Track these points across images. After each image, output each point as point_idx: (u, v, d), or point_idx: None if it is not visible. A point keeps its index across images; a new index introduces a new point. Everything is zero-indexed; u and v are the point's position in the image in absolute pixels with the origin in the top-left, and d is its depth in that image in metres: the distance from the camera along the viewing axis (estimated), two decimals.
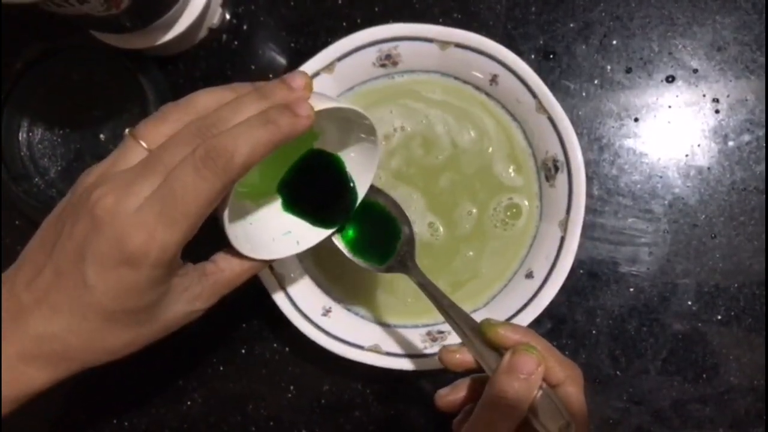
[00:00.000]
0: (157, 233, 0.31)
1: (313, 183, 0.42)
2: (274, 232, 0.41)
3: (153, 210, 0.31)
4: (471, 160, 0.50)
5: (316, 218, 0.42)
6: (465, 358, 0.39)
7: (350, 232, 0.43)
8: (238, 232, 0.38)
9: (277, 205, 0.42)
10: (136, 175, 0.32)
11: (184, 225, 0.31)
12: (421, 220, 0.50)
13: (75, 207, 0.33)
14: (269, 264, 0.41)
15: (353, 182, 0.42)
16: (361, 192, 0.42)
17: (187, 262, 0.37)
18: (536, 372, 0.34)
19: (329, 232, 0.42)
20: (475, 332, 0.38)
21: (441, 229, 0.50)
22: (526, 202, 0.50)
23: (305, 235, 0.42)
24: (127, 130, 0.34)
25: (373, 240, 0.44)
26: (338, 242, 0.43)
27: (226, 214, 0.35)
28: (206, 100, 0.34)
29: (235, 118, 0.33)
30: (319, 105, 0.35)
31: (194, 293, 0.36)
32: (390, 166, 0.51)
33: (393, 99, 0.51)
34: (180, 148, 0.32)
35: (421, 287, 0.42)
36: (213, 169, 0.31)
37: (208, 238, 0.35)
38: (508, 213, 0.50)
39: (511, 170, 0.50)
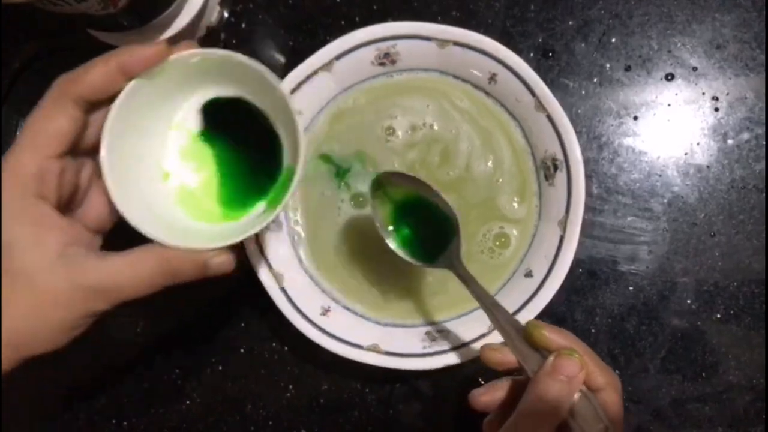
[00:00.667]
0: (7, 157, 0.33)
1: (255, 167, 0.41)
2: (209, 239, 0.39)
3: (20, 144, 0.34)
4: (477, 191, 0.50)
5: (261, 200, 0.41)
6: (506, 357, 0.39)
7: (405, 230, 0.45)
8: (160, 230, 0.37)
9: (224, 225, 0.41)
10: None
11: (26, 145, 0.33)
12: None
13: None
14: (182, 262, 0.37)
15: (281, 159, 0.40)
16: (297, 166, 0.38)
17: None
18: (578, 375, 0.35)
19: (272, 216, 0.38)
20: (517, 332, 0.38)
21: None
22: (515, 232, 0.50)
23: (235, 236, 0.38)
24: None
25: (425, 237, 0.45)
26: (390, 240, 0.44)
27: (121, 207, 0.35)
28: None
29: None
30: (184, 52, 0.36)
31: (75, 262, 0.33)
32: (406, 157, 0.51)
33: (432, 96, 0.50)
34: None
35: (465, 284, 0.42)
36: (54, 88, 0.34)
37: None
38: (497, 242, 0.50)
39: (515, 202, 0.50)
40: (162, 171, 0.41)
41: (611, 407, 0.36)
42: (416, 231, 0.45)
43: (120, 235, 0.36)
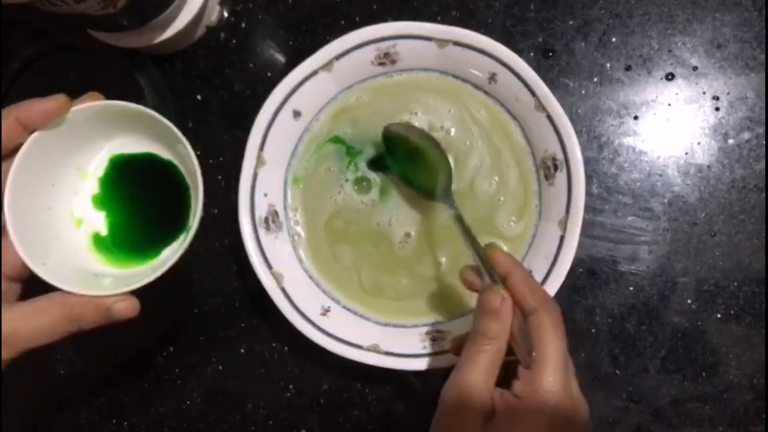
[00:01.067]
0: None
1: (165, 216, 0.42)
2: (118, 284, 0.39)
3: None
4: (477, 208, 0.50)
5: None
6: (472, 279, 0.42)
7: (404, 166, 0.49)
8: (67, 279, 0.37)
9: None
10: None
11: None
12: (404, 223, 0.51)
13: None
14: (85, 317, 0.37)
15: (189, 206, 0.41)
16: (195, 217, 0.39)
17: None
18: (500, 307, 0.38)
19: (148, 279, 0.38)
20: (480, 257, 0.42)
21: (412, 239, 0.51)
22: (506, 248, 0.50)
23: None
24: None
25: (420, 173, 0.49)
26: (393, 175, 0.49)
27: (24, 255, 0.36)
28: None
29: None
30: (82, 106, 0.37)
31: None
32: None
33: (455, 99, 0.51)
34: None
35: (456, 218, 0.45)
36: None
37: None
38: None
39: (512, 221, 0.50)
40: (74, 218, 0.42)
41: (541, 330, 0.37)
42: (417, 171, 0.49)
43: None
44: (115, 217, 0.43)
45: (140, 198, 0.43)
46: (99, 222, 0.42)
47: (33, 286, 0.37)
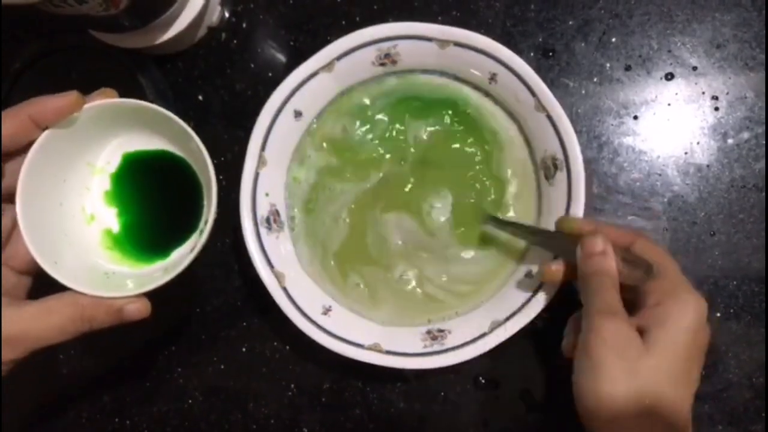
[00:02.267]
0: None
1: (178, 215, 0.42)
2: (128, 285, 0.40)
3: None
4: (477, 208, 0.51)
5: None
6: (560, 267, 0.45)
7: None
8: (78, 278, 0.37)
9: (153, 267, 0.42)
10: None
11: None
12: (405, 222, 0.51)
13: None
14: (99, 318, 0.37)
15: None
16: (208, 216, 0.39)
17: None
18: (605, 246, 0.41)
19: (163, 280, 0.38)
20: (559, 241, 0.45)
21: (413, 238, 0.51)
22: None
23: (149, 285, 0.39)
24: None
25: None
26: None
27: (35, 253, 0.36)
28: None
29: None
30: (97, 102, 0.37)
31: None
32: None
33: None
34: None
35: (503, 227, 0.48)
36: None
37: None
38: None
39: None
40: (86, 214, 0.42)
41: (646, 251, 0.42)
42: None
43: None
44: (127, 213, 0.43)
45: (152, 195, 0.43)
46: (110, 218, 0.43)
47: (45, 280, 0.37)
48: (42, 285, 0.38)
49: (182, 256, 0.41)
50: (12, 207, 0.37)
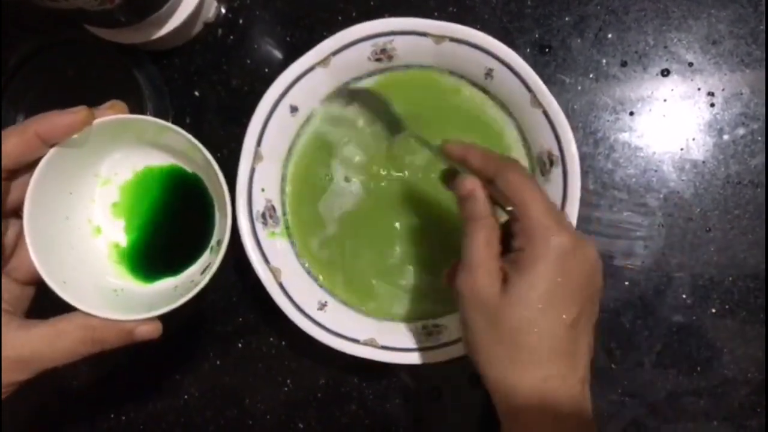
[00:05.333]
0: None
1: (187, 232, 0.42)
2: (139, 304, 0.39)
3: None
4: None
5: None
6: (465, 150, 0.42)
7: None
8: (87, 296, 0.37)
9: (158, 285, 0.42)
10: None
11: None
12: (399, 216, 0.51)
13: None
14: (111, 338, 0.36)
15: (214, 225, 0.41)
16: (223, 235, 0.39)
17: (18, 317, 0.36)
18: (473, 187, 0.38)
19: (177, 303, 0.37)
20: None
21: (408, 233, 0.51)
22: None
23: (161, 305, 0.38)
24: None
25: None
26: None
27: (43, 272, 0.35)
28: None
29: None
30: (106, 119, 0.36)
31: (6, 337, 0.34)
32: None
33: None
34: None
35: (417, 139, 0.45)
36: None
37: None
38: None
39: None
40: (92, 226, 0.41)
41: (508, 187, 0.38)
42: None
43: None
44: (135, 226, 0.42)
45: (162, 209, 0.42)
46: (118, 231, 0.42)
47: (48, 291, 0.36)
48: (44, 293, 0.37)
49: (192, 273, 0.41)
50: (17, 221, 0.37)
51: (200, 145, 0.37)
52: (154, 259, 0.42)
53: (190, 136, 0.37)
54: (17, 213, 0.37)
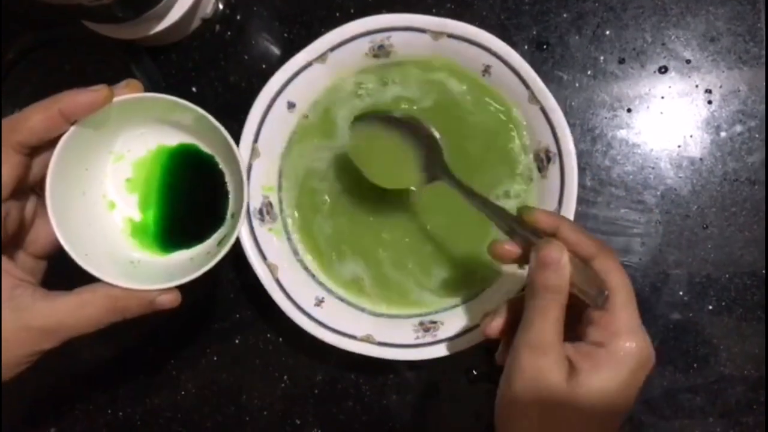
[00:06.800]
0: None
1: (201, 207, 0.43)
2: (157, 274, 0.40)
3: None
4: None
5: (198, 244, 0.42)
6: (512, 248, 0.41)
7: (373, 165, 0.46)
8: (107, 268, 0.38)
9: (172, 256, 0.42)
10: None
11: None
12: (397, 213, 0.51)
13: None
14: (131, 307, 0.37)
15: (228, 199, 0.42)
16: (239, 209, 0.40)
17: (33, 283, 0.36)
18: (561, 258, 0.37)
19: (199, 272, 0.38)
20: (516, 223, 0.41)
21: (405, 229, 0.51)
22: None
23: (181, 275, 0.39)
24: None
25: (410, 159, 0.46)
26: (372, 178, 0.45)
27: (61, 239, 0.36)
28: None
29: None
30: (126, 96, 0.37)
31: (23, 304, 0.35)
32: None
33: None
34: None
35: (458, 189, 0.43)
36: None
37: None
38: None
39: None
40: (107, 201, 0.42)
41: (607, 272, 0.38)
42: (398, 157, 0.46)
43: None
44: (148, 202, 0.43)
45: (175, 185, 0.43)
46: (132, 206, 0.43)
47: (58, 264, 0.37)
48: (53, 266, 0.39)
49: (208, 246, 0.42)
50: (33, 197, 0.38)
51: (216, 123, 0.38)
52: (168, 233, 0.43)
53: (206, 114, 0.38)
54: (33, 190, 0.38)
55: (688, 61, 0.53)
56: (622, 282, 0.38)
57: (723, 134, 0.52)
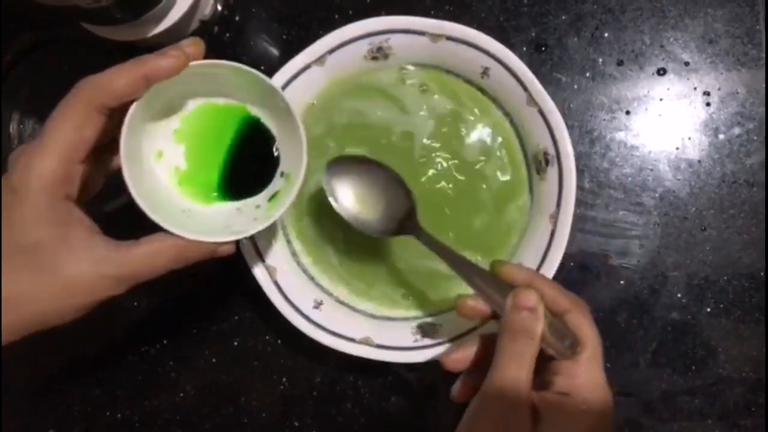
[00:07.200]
0: (32, 162, 0.35)
1: (251, 171, 0.44)
2: (214, 226, 0.41)
3: (33, 144, 0.35)
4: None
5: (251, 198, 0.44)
6: (479, 306, 0.41)
7: (357, 206, 0.45)
8: (174, 221, 0.38)
9: (220, 205, 0.43)
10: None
11: (54, 152, 0.35)
12: None
13: None
14: (196, 251, 0.39)
15: (282, 169, 0.43)
16: (298, 175, 0.41)
17: (100, 232, 0.38)
18: (537, 305, 0.39)
19: (267, 222, 0.40)
20: (486, 281, 0.41)
21: None
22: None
23: (243, 226, 0.41)
24: None
25: (376, 208, 0.46)
26: (350, 219, 0.45)
27: (130, 184, 0.37)
28: None
29: None
30: (202, 62, 0.38)
31: (99, 255, 0.36)
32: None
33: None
34: None
35: (429, 246, 0.43)
36: (75, 96, 0.36)
37: None
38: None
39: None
40: (155, 151, 0.42)
41: (579, 326, 0.39)
42: (374, 206, 0.46)
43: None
44: (195, 152, 0.43)
45: (221, 139, 0.43)
46: (179, 155, 0.43)
47: None
48: None
49: (256, 200, 0.43)
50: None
51: (280, 91, 0.40)
52: (215, 184, 0.43)
53: (272, 83, 0.39)
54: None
55: (687, 63, 0.53)
56: (591, 336, 0.39)
57: (721, 136, 0.52)
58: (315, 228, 0.51)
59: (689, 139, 0.53)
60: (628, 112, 0.53)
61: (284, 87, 0.48)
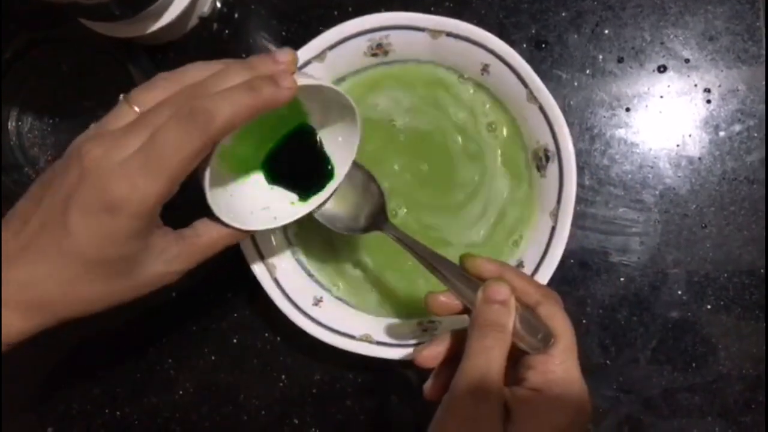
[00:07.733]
0: (138, 183, 0.32)
1: (295, 159, 0.43)
2: (253, 206, 0.42)
3: (137, 162, 0.32)
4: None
5: (295, 192, 0.43)
6: (449, 300, 0.41)
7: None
8: (219, 201, 0.38)
9: (258, 180, 0.43)
10: (125, 132, 0.34)
11: (164, 177, 0.33)
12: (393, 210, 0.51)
13: (66, 162, 0.34)
14: (246, 235, 0.41)
15: (331, 164, 0.43)
16: (341, 172, 0.42)
17: (167, 227, 0.38)
18: (508, 298, 0.38)
19: (306, 210, 0.41)
20: (456, 276, 0.40)
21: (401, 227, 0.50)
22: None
23: (282, 211, 0.42)
24: (121, 96, 0.36)
25: (352, 207, 0.45)
26: (318, 216, 0.44)
27: (207, 180, 0.36)
28: (197, 71, 0.36)
29: (221, 86, 0.34)
30: (302, 81, 0.36)
31: (171, 254, 0.37)
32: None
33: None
34: (167, 109, 0.34)
35: (398, 242, 0.43)
36: (194, 126, 0.32)
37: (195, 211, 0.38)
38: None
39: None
40: None
41: (551, 318, 0.38)
42: (344, 203, 0.45)
43: None
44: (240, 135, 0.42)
45: (266, 125, 0.42)
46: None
47: None
48: None
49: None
50: None
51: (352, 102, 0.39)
52: (256, 161, 0.43)
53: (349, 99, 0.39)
54: None
55: (687, 60, 0.53)
56: (565, 328, 0.38)
57: (722, 133, 0.52)
58: (314, 225, 0.51)
59: (689, 136, 0.53)
60: (628, 109, 0.53)
61: None
